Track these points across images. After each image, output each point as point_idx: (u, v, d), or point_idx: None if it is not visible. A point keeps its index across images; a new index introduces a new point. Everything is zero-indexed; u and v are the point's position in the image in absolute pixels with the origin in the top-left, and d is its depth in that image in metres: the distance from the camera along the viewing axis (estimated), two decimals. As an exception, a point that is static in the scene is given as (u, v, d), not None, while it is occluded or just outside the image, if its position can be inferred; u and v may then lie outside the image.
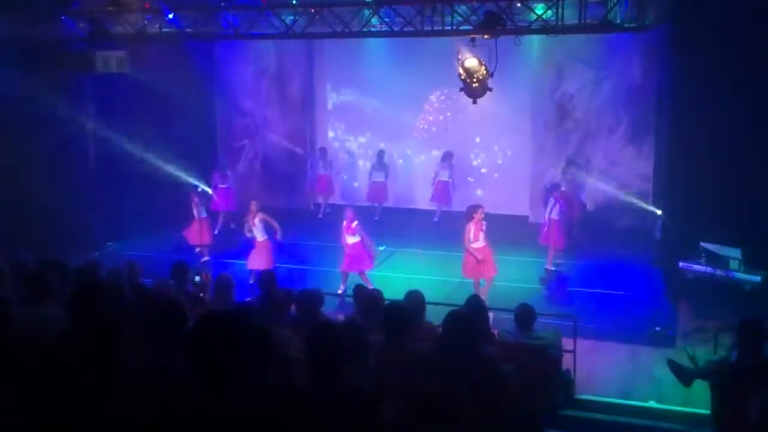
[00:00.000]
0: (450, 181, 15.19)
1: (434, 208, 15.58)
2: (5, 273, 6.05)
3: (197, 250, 13.15)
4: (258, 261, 11.53)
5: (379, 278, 11.33)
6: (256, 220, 11.59)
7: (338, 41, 13.17)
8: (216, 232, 14.33)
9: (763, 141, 10.22)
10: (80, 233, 12.87)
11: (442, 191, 15.21)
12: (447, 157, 15.20)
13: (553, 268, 12.42)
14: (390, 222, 15.09)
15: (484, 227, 10.84)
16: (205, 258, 13.08)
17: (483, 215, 10.84)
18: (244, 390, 3.37)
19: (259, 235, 11.65)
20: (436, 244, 13.33)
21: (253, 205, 11.78)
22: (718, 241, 10.42)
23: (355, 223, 11.27)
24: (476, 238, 10.79)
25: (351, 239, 11.29)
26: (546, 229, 12.36)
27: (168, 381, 3.61)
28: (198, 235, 13.09)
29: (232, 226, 14.57)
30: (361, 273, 11.32)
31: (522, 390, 4.87)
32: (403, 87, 15.66)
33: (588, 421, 6.54)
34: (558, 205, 12.24)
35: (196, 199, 13.13)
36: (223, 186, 15.08)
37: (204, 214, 13.24)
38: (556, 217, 12.24)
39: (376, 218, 15.09)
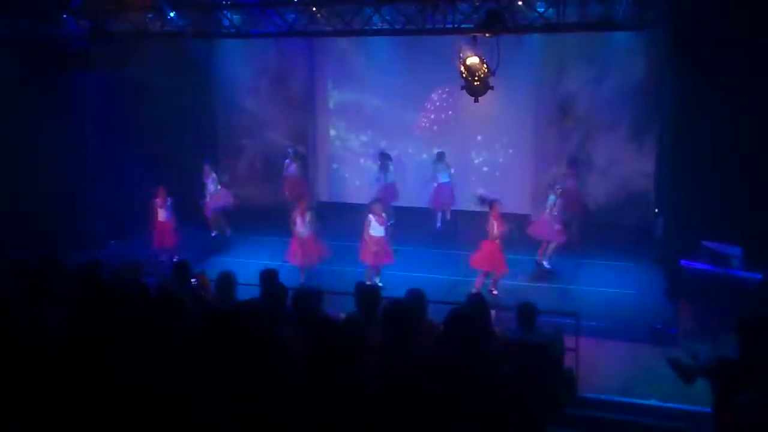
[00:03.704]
0: (450, 181, 14.99)
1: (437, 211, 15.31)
2: (5, 273, 6.06)
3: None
4: (306, 257, 11.66)
5: (380, 276, 11.34)
6: (301, 218, 11.68)
7: (339, 39, 13.14)
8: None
9: (765, 139, 10.20)
10: (81, 232, 12.88)
11: (446, 193, 14.97)
12: (441, 157, 14.93)
13: (547, 265, 12.48)
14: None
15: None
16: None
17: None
18: (244, 388, 3.36)
19: (306, 231, 11.71)
20: (437, 242, 13.31)
21: (302, 203, 11.96)
22: (720, 239, 10.40)
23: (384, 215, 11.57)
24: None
25: (378, 232, 11.38)
26: (545, 223, 12.48)
27: (168, 379, 3.60)
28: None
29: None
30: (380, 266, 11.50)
31: (524, 388, 4.85)
32: (405, 85, 15.62)
33: (590, 419, 6.53)
34: (559, 201, 12.38)
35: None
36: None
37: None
38: (556, 213, 12.38)
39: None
